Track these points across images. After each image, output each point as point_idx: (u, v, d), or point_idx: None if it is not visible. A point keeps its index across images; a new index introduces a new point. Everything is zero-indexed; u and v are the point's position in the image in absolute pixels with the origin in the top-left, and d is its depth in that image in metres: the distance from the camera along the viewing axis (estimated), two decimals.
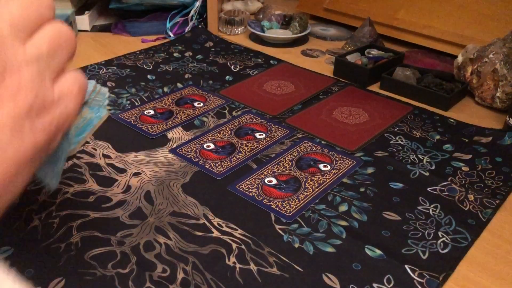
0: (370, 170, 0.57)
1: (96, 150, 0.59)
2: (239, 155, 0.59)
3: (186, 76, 0.81)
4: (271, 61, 0.88)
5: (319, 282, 0.41)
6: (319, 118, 0.68)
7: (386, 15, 0.96)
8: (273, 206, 0.50)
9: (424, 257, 0.44)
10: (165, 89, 0.76)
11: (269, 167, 0.57)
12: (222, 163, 0.57)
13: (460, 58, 0.78)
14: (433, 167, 0.58)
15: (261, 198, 0.51)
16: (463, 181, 0.55)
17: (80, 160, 0.57)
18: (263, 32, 0.97)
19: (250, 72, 0.83)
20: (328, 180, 0.55)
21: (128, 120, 0.66)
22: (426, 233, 0.47)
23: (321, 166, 0.57)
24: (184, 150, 0.60)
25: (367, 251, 0.45)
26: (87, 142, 0.61)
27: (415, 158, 0.60)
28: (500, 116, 0.71)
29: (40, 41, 0.26)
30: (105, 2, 1.06)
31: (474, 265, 0.44)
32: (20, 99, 0.24)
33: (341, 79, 0.82)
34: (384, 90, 0.78)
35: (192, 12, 1.00)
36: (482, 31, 0.85)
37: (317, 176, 0.55)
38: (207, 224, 0.48)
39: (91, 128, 0.49)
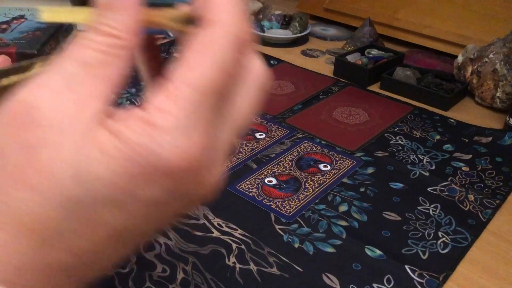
0: (370, 170, 0.57)
1: None
2: (239, 155, 0.59)
3: None
4: (271, 61, 0.88)
5: (319, 282, 0.41)
6: (319, 118, 0.68)
7: (386, 15, 0.96)
8: (273, 206, 0.50)
9: (424, 257, 0.44)
10: None
11: (269, 167, 0.57)
12: None
13: (460, 58, 0.78)
14: (433, 167, 0.58)
15: (261, 198, 0.51)
16: (463, 181, 0.55)
17: None
18: (263, 32, 0.97)
19: None
20: (328, 180, 0.55)
21: None
22: (426, 233, 0.47)
23: (321, 166, 0.57)
24: None
25: (367, 251, 0.45)
26: None
27: (415, 158, 0.60)
28: (500, 116, 0.71)
29: None
30: None
31: (474, 265, 0.44)
32: None
33: (341, 79, 0.81)
34: (384, 90, 0.78)
35: None
36: (482, 31, 0.85)
37: (317, 176, 0.55)
38: (207, 224, 0.48)
39: None
